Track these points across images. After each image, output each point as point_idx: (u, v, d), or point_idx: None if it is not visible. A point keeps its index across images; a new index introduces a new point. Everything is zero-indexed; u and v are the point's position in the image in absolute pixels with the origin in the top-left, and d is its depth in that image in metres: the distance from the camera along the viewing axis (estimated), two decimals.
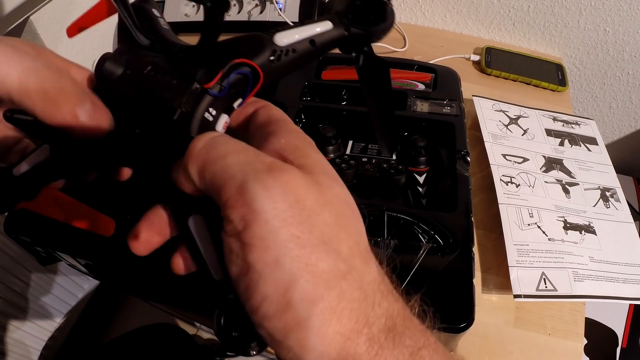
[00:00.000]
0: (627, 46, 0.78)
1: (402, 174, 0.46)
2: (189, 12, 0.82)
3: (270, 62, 0.22)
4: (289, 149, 0.20)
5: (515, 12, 0.81)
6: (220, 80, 0.21)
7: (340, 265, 0.17)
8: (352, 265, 0.18)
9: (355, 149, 0.51)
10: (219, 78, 0.21)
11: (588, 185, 0.56)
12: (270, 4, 0.78)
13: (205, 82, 0.21)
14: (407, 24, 0.89)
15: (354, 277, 0.17)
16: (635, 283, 0.48)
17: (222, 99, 0.22)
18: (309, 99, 0.55)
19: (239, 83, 0.22)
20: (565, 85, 0.74)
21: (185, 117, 0.21)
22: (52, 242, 0.43)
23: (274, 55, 0.22)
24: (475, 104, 0.64)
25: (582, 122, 0.65)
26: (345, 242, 0.18)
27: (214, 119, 0.22)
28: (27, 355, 0.84)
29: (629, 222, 0.53)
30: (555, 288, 0.46)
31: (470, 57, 0.78)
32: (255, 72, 0.22)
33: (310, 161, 0.19)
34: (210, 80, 0.21)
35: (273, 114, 0.23)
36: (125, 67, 0.22)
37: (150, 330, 0.68)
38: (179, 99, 0.20)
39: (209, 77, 0.21)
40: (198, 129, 0.21)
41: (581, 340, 0.47)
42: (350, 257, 0.18)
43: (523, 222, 0.50)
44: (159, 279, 0.41)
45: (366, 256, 0.19)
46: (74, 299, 0.94)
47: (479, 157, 0.59)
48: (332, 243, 0.17)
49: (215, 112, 0.22)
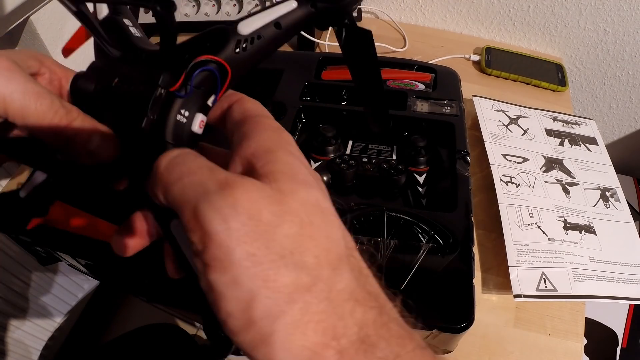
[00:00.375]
0: (627, 46, 0.78)
1: (402, 174, 0.46)
2: (189, 12, 0.82)
3: (236, 53, 0.22)
4: (259, 154, 0.19)
5: (515, 12, 0.81)
6: (185, 80, 0.21)
7: (303, 278, 0.17)
8: (318, 276, 0.17)
9: (355, 149, 0.51)
10: (183, 79, 0.21)
11: (588, 185, 0.56)
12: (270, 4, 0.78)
13: (170, 85, 0.21)
14: (407, 24, 0.89)
15: (320, 288, 0.17)
16: (635, 283, 0.48)
17: (193, 99, 0.21)
18: (309, 99, 0.55)
19: (207, 80, 0.22)
20: (565, 85, 0.74)
21: (155, 124, 0.21)
22: (53, 242, 0.43)
23: (239, 46, 0.22)
24: (475, 104, 0.64)
25: (582, 122, 0.65)
26: (310, 251, 0.17)
27: (187, 120, 0.21)
28: (27, 355, 0.84)
29: (629, 222, 0.53)
30: (555, 288, 0.46)
31: (470, 57, 0.78)
32: (221, 67, 0.22)
33: (278, 167, 0.18)
34: (175, 83, 0.21)
35: (248, 108, 0.22)
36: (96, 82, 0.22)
37: (150, 330, 0.68)
38: (144, 106, 0.20)
39: (174, 80, 0.21)
40: (173, 133, 0.21)
41: (581, 340, 0.47)
42: (316, 267, 0.17)
43: (523, 222, 0.51)
44: (159, 279, 0.41)
45: (337, 263, 0.18)
46: (74, 299, 0.94)
47: (479, 157, 0.59)
48: (294, 255, 0.17)
49: (188, 113, 0.21)
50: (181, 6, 0.82)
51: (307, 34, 0.75)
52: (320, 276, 0.17)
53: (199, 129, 0.22)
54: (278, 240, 0.17)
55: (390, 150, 0.51)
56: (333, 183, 0.47)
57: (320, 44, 0.80)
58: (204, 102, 0.22)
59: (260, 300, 0.16)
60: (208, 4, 0.82)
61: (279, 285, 0.16)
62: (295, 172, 0.19)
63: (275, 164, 0.18)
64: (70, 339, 0.97)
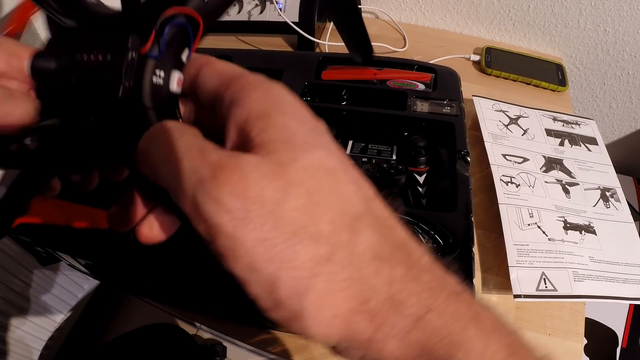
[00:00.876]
0: (627, 46, 0.78)
1: (402, 174, 0.46)
2: None
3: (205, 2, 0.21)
4: (251, 121, 0.17)
5: (515, 12, 0.81)
6: (156, 39, 0.19)
7: (321, 249, 0.16)
8: (336, 243, 0.16)
9: (355, 149, 0.51)
10: (153, 38, 0.19)
11: (588, 185, 0.56)
12: (270, 4, 0.78)
13: (141, 47, 0.19)
14: (407, 24, 0.89)
15: (341, 256, 0.16)
16: (635, 283, 0.48)
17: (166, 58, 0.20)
18: (309, 99, 0.55)
19: (178, 35, 0.20)
20: (565, 85, 0.74)
21: (131, 91, 0.19)
22: (53, 242, 0.43)
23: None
24: (475, 104, 0.64)
25: (582, 122, 0.65)
26: (324, 219, 0.16)
27: (164, 81, 0.20)
28: (27, 355, 0.84)
29: (629, 222, 0.53)
30: (555, 288, 0.46)
31: (470, 57, 0.78)
32: (191, 19, 0.20)
33: (273, 134, 0.17)
34: (146, 43, 0.19)
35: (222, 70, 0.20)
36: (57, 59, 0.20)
37: (150, 330, 0.68)
38: (117, 74, 0.19)
39: (143, 41, 0.19)
40: (151, 97, 0.20)
41: (581, 340, 0.47)
42: (333, 234, 0.16)
43: (523, 222, 0.50)
44: (159, 279, 0.41)
45: (355, 224, 0.17)
46: (74, 298, 0.94)
47: (479, 157, 0.59)
48: (307, 228, 0.16)
49: (164, 73, 0.20)
50: None
51: (307, 33, 0.75)
52: (338, 243, 0.16)
53: (177, 87, 0.21)
54: (287, 217, 0.16)
55: (390, 150, 0.51)
56: None
57: (320, 44, 0.80)
58: (178, 59, 0.20)
59: (283, 281, 0.16)
60: None
61: (299, 263, 0.16)
62: (293, 135, 0.17)
63: (270, 130, 0.17)
64: (70, 339, 0.97)
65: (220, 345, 1.06)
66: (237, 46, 0.81)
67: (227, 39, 0.83)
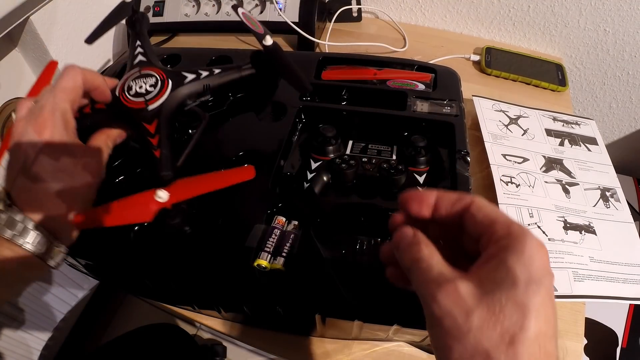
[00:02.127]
0: (627, 46, 0.78)
1: (402, 174, 0.46)
2: (189, 12, 0.82)
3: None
4: (521, 282, 0.21)
5: (515, 12, 0.81)
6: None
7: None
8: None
9: (355, 149, 0.51)
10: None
11: (588, 185, 0.56)
12: (270, 4, 0.78)
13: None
14: (407, 24, 0.89)
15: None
16: (635, 283, 0.48)
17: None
18: (308, 99, 0.55)
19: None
20: (565, 85, 0.74)
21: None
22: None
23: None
24: (475, 104, 0.64)
25: (582, 122, 0.65)
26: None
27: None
28: (27, 355, 0.84)
29: (629, 222, 0.53)
30: (555, 288, 0.46)
31: (470, 57, 0.78)
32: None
33: (534, 302, 0.21)
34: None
35: (489, 212, 0.24)
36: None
37: (150, 330, 0.68)
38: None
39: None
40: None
41: (581, 340, 0.47)
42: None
43: (523, 222, 0.51)
44: (159, 279, 0.41)
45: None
46: (74, 299, 0.94)
47: (479, 157, 0.59)
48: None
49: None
50: (181, 6, 0.82)
51: (307, 33, 0.75)
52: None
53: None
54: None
55: (390, 150, 0.51)
56: (333, 183, 0.47)
57: (320, 44, 0.80)
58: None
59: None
60: (208, 4, 0.82)
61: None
62: (545, 315, 0.21)
63: (535, 296, 0.21)
64: (70, 339, 0.97)
65: (220, 345, 1.06)
66: (237, 46, 0.81)
67: (227, 39, 0.83)
